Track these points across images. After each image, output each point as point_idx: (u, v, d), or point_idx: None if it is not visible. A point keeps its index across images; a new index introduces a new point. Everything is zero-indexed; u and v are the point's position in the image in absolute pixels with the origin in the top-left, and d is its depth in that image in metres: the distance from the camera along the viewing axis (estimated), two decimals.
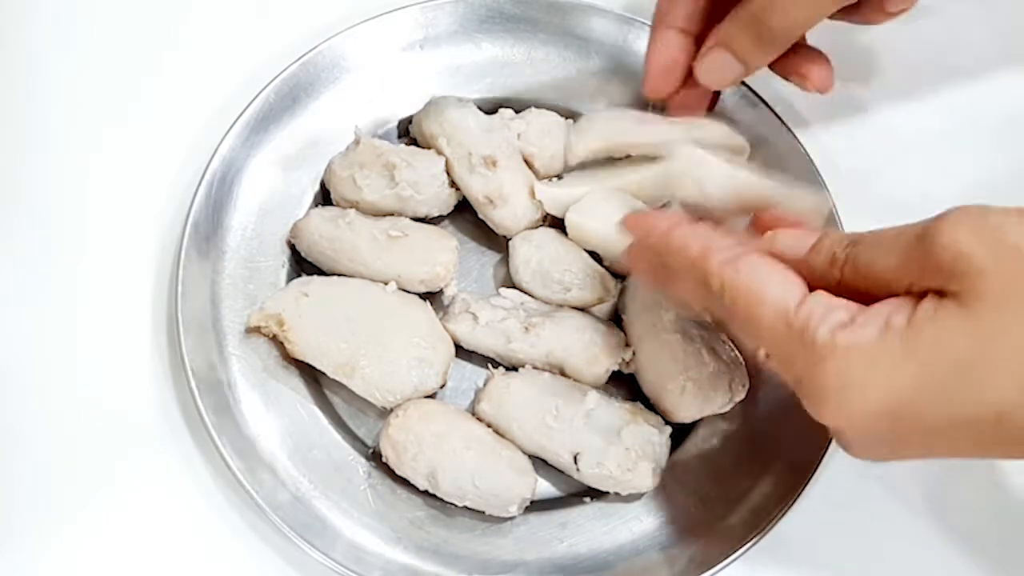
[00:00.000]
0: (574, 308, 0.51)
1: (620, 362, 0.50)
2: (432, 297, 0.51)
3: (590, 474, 0.48)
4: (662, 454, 0.48)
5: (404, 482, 0.48)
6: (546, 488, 0.50)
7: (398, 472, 0.47)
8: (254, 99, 0.52)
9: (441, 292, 0.52)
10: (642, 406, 0.49)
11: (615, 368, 0.50)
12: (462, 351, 0.51)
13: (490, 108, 0.54)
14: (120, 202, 0.54)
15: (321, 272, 0.51)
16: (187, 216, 0.50)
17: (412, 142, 0.54)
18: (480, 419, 0.49)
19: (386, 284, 0.50)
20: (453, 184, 0.52)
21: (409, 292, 0.51)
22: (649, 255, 0.43)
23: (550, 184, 0.53)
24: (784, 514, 0.48)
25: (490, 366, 0.50)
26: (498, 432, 0.48)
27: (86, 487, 0.48)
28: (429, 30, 0.56)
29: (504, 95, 0.56)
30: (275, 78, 0.53)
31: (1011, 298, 0.34)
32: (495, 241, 0.54)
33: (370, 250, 0.50)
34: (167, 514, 0.48)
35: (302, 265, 0.52)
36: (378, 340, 0.48)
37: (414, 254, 0.50)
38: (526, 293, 0.52)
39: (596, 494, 0.49)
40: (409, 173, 0.51)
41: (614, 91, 0.56)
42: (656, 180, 0.52)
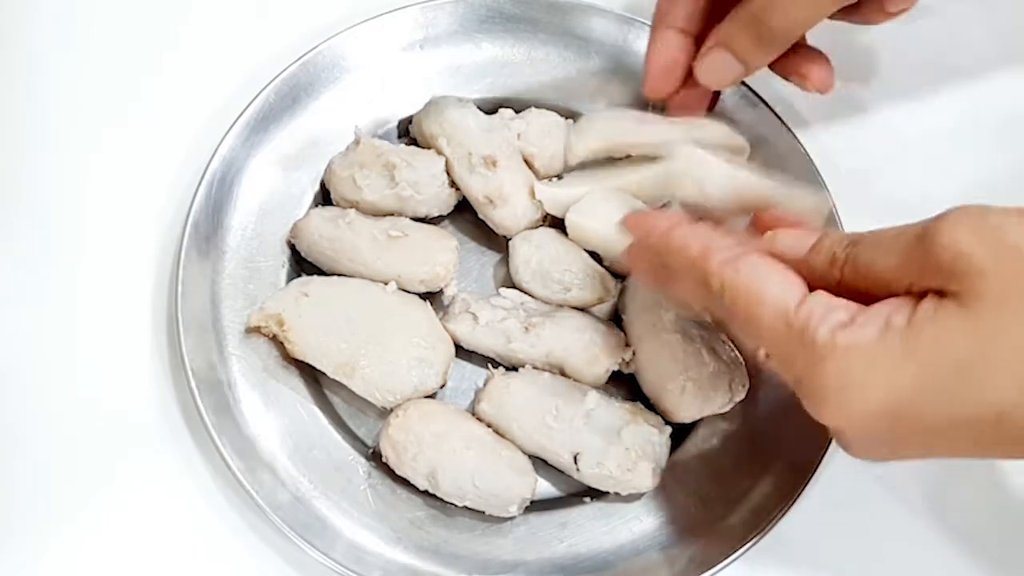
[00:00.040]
0: (574, 308, 0.51)
1: (620, 362, 0.50)
2: (432, 297, 0.51)
3: (590, 474, 0.48)
4: (662, 454, 0.48)
5: (404, 482, 0.48)
6: (546, 488, 0.50)
7: (398, 472, 0.47)
8: (254, 99, 0.52)
9: (441, 292, 0.52)
10: (642, 406, 0.49)
11: (615, 368, 0.50)
12: (462, 351, 0.51)
13: (490, 108, 0.54)
14: (120, 202, 0.54)
15: (321, 272, 0.51)
16: (187, 216, 0.50)
17: (412, 142, 0.54)
18: (480, 419, 0.49)
19: (386, 284, 0.50)
20: (453, 184, 0.52)
21: (409, 292, 0.51)
22: (649, 255, 0.43)
23: (550, 184, 0.53)
24: (784, 514, 0.48)
25: (490, 366, 0.50)
26: (498, 432, 0.48)
27: (86, 487, 0.48)
28: (429, 30, 0.56)
29: (504, 95, 0.56)
30: (275, 78, 0.53)
31: (1011, 298, 0.34)
32: (495, 241, 0.54)
33: (370, 250, 0.50)
34: (167, 514, 0.48)
35: (302, 265, 0.52)
36: (378, 340, 0.48)
37: (414, 254, 0.50)
38: (526, 293, 0.52)
39: (596, 494, 0.49)
40: (409, 173, 0.51)
41: (614, 91, 0.56)
42: (656, 180, 0.52)
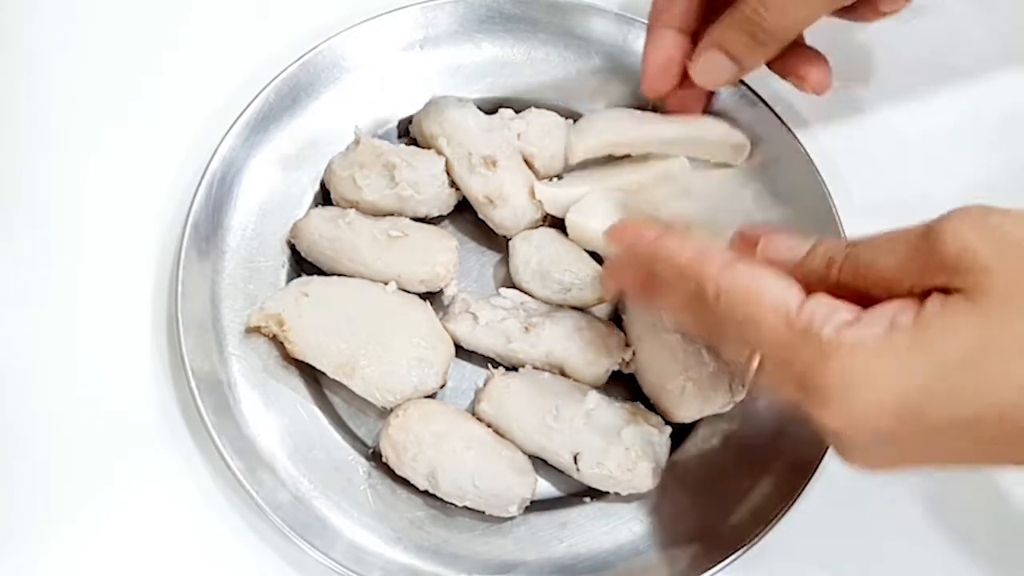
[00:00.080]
0: (574, 308, 0.51)
1: (620, 362, 0.50)
2: (432, 297, 0.51)
3: (590, 474, 0.48)
4: (662, 454, 0.48)
5: (404, 482, 0.48)
6: (546, 488, 0.50)
7: (398, 472, 0.47)
8: (254, 99, 0.52)
9: (441, 292, 0.52)
10: (642, 406, 0.49)
11: (615, 368, 0.50)
12: (462, 351, 0.51)
13: (490, 108, 0.54)
14: (120, 202, 0.54)
15: (321, 272, 0.51)
16: (187, 216, 0.50)
17: (412, 142, 0.54)
18: (480, 419, 0.49)
19: (386, 284, 0.50)
20: (453, 184, 0.52)
21: (409, 292, 0.51)
22: (636, 265, 0.43)
23: (550, 184, 0.53)
24: (784, 514, 0.48)
25: (490, 366, 0.50)
26: (498, 432, 0.48)
27: (86, 487, 0.48)
28: (429, 30, 0.56)
29: (504, 95, 0.56)
30: (275, 78, 0.53)
31: (1015, 296, 0.34)
32: (495, 241, 0.54)
33: (370, 250, 0.50)
34: (167, 514, 0.48)
35: (302, 265, 0.52)
36: (378, 340, 0.48)
37: (414, 254, 0.50)
38: (526, 293, 0.52)
39: (596, 494, 0.49)
40: (409, 173, 0.51)
41: (614, 91, 0.56)
42: (656, 180, 0.52)
